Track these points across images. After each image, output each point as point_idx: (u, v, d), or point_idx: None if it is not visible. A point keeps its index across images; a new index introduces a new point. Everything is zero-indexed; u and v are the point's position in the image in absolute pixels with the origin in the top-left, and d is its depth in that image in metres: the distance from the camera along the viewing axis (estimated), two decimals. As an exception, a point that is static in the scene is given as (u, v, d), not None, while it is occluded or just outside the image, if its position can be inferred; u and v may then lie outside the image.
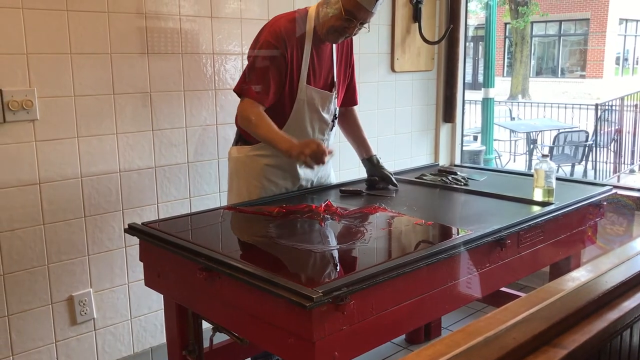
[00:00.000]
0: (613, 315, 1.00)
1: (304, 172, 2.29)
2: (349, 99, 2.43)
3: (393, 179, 2.42)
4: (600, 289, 1.04)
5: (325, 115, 2.25)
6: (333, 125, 2.32)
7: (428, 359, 0.77)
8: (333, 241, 1.85)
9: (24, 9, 2.05)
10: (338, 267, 1.64)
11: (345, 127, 2.50)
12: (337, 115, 2.33)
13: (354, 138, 2.51)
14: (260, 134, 2.11)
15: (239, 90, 2.16)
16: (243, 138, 2.26)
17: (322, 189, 2.38)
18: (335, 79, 2.27)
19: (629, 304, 1.04)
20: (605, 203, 2.35)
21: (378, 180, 2.43)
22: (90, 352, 2.38)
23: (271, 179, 2.24)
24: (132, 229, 1.89)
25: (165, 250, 1.75)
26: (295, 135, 2.14)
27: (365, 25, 2.12)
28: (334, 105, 2.29)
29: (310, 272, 1.62)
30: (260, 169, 2.22)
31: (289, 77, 2.14)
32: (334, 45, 2.25)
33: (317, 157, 1.97)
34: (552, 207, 2.07)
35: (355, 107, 2.50)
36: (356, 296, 1.42)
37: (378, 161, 2.46)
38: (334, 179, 2.52)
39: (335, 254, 1.71)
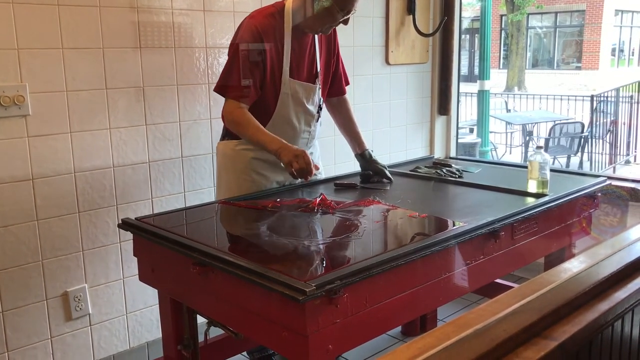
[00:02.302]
0: (604, 306, 1.00)
1: None
2: (337, 88, 2.42)
3: (387, 173, 2.41)
4: (592, 279, 1.04)
5: (310, 107, 2.25)
6: (319, 117, 2.32)
7: (418, 351, 0.77)
8: (327, 234, 1.84)
9: (14, 3, 2.04)
10: (331, 261, 1.64)
11: (338, 119, 2.49)
12: (321, 106, 2.32)
13: (347, 132, 2.49)
14: (249, 136, 2.13)
15: (221, 90, 2.16)
16: (229, 133, 2.25)
17: (317, 182, 2.38)
18: (318, 70, 2.26)
19: (620, 295, 1.04)
20: (599, 194, 2.35)
21: (372, 175, 2.43)
22: (86, 348, 2.38)
23: (260, 172, 2.24)
24: (125, 224, 1.88)
25: (158, 245, 1.74)
26: (282, 129, 2.16)
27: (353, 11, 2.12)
28: (318, 96, 2.28)
29: (303, 265, 1.62)
30: (248, 162, 2.22)
31: (271, 72, 2.13)
32: (315, 36, 2.24)
33: (304, 173, 2.01)
34: (546, 198, 2.07)
35: (348, 98, 2.49)
36: (349, 289, 1.42)
37: (371, 155, 2.44)
38: (323, 174, 2.50)
39: (329, 247, 1.71)
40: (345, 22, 2.15)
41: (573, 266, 1.12)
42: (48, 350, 2.27)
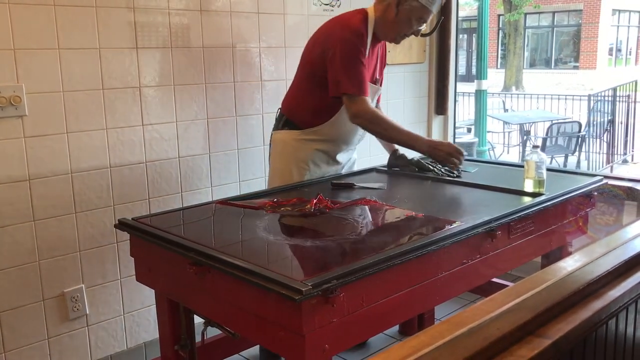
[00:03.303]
0: (598, 304, 1.01)
1: (341, 157, 2.50)
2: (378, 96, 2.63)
3: (424, 163, 2.51)
4: (586, 278, 1.04)
5: None
6: None
7: (412, 350, 0.77)
8: (323, 234, 1.85)
9: (10, 3, 2.03)
10: (328, 260, 1.64)
11: None
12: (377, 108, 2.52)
13: None
14: (394, 135, 2.36)
15: (355, 90, 2.23)
16: (290, 122, 2.40)
17: (314, 182, 2.38)
18: (378, 75, 2.48)
19: (614, 293, 1.05)
20: (595, 193, 2.36)
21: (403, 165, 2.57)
22: (83, 348, 2.38)
23: (318, 163, 2.41)
24: (122, 225, 1.88)
25: (155, 245, 1.74)
26: (342, 126, 2.37)
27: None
28: (376, 98, 2.51)
29: (300, 265, 1.62)
30: (310, 153, 2.39)
31: None
32: (379, 46, 2.46)
33: (458, 164, 2.39)
34: (542, 197, 2.08)
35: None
36: (346, 289, 1.42)
37: (402, 155, 2.59)
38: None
39: (326, 247, 1.71)
40: (417, 33, 2.36)
41: (567, 265, 1.12)
42: (45, 351, 2.27)
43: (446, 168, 2.45)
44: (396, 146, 2.61)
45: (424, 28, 2.39)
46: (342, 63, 2.23)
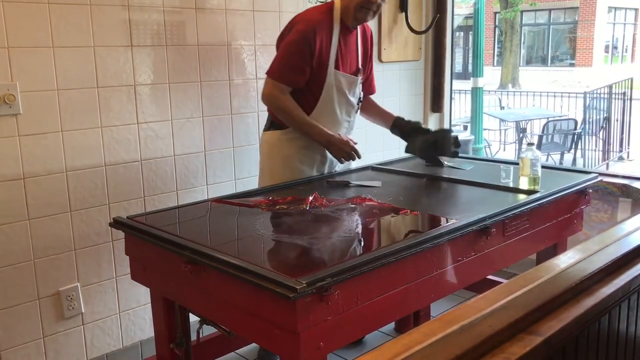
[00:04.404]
0: (591, 301, 1.01)
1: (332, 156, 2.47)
2: (367, 88, 2.62)
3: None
4: (579, 275, 1.05)
5: (352, 99, 2.45)
6: (358, 108, 2.53)
7: (404, 347, 0.77)
8: (318, 232, 1.85)
9: (4, 1, 2.03)
10: (323, 258, 1.64)
11: (365, 111, 2.67)
12: (361, 99, 2.53)
13: (375, 112, 2.67)
14: (297, 123, 2.34)
15: (274, 74, 2.30)
16: (275, 124, 2.43)
17: (309, 180, 2.38)
18: (360, 66, 2.48)
19: (606, 290, 1.05)
20: (590, 190, 2.37)
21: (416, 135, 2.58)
22: (79, 347, 2.37)
23: (304, 161, 2.42)
24: (117, 223, 1.88)
25: (150, 244, 1.74)
26: (325, 117, 2.38)
27: None
28: (359, 89, 2.50)
29: (294, 263, 1.63)
30: (295, 152, 2.40)
31: (318, 63, 2.31)
32: (358, 36, 2.47)
33: (351, 157, 2.40)
34: (537, 195, 2.08)
35: (374, 98, 2.69)
36: (340, 286, 1.42)
37: (404, 119, 2.60)
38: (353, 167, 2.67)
39: (321, 245, 1.71)
40: (377, 8, 2.33)
41: (560, 262, 1.12)
42: (41, 350, 2.27)
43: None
44: (395, 115, 2.63)
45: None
46: (282, 50, 2.32)
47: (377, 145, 3.31)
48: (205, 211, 2.09)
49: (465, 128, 7.41)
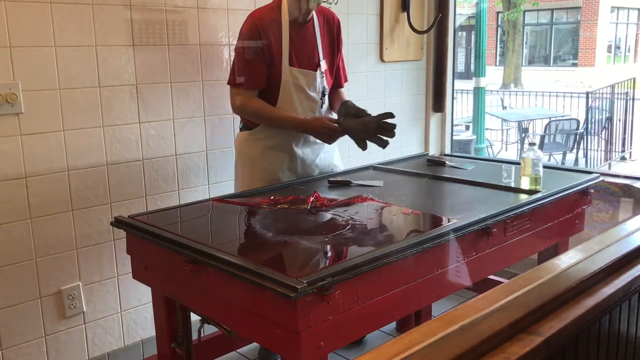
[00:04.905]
0: (591, 301, 1.01)
1: (302, 152, 2.42)
2: (336, 81, 2.54)
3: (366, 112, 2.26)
4: (579, 275, 1.05)
5: (312, 94, 2.37)
6: (322, 103, 2.44)
7: (404, 347, 0.77)
8: (320, 232, 1.85)
9: (6, 1, 2.03)
10: (324, 258, 1.64)
11: (332, 105, 2.54)
12: (325, 93, 2.44)
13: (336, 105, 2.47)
14: (275, 122, 2.31)
15: (233, 83, 2.32)
16: (245, 125, 2.43)
17: (311, 179, 2.39)
18: (321, 59, 2.39)
19: (607, 290, 1.05)
20: (592, 191, 2.36)
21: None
22: (81, 346, 2.38)
23: (272, 160, 2.38)
24: (118, 222, 1.89)
25: (151, 243, 1.74)
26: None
27: None
28: (322, 83, 2.40)
29: (295, 262, 1.63)
30: (261, 152, 2.37)
31: (272, 61, 2.28)
32: (317, 27, 2.38)
33: (334, 139, 2.31)
34: (538, 195, 2.08)
35: (343, 90, 2.58)
36: (341, 286, 1.42)
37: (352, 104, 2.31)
38: (340, 167, 2.60)
39: (322, 244, 1.72)
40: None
41: (561, 262, 1.12)
42: (42, 349, 2.27)
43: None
44: (346, 98, 2.44)
45: None
46: (235, 57, 2.35)
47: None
48: (207, 210, 2.09)
49: (467, 128, 7.41)
